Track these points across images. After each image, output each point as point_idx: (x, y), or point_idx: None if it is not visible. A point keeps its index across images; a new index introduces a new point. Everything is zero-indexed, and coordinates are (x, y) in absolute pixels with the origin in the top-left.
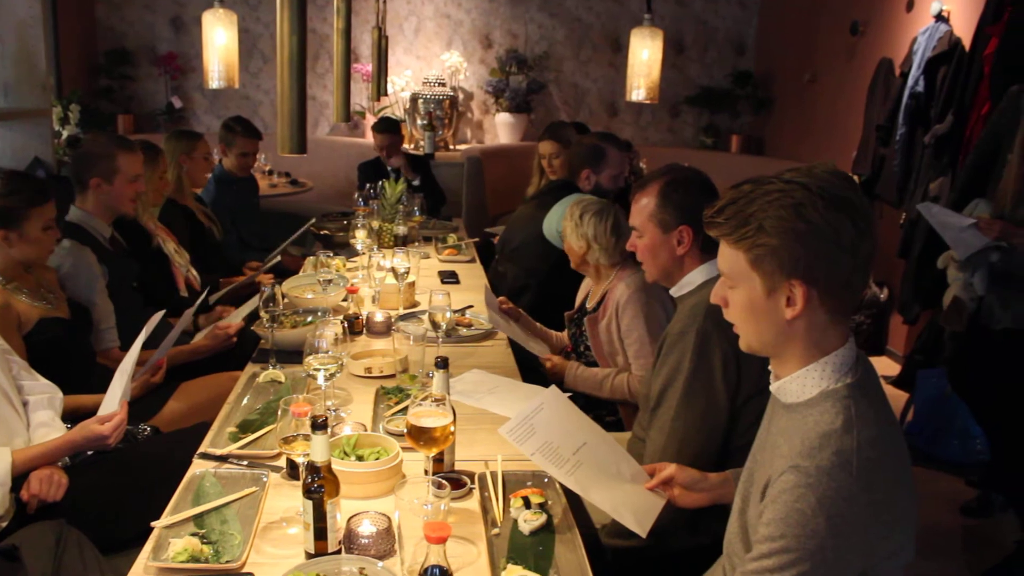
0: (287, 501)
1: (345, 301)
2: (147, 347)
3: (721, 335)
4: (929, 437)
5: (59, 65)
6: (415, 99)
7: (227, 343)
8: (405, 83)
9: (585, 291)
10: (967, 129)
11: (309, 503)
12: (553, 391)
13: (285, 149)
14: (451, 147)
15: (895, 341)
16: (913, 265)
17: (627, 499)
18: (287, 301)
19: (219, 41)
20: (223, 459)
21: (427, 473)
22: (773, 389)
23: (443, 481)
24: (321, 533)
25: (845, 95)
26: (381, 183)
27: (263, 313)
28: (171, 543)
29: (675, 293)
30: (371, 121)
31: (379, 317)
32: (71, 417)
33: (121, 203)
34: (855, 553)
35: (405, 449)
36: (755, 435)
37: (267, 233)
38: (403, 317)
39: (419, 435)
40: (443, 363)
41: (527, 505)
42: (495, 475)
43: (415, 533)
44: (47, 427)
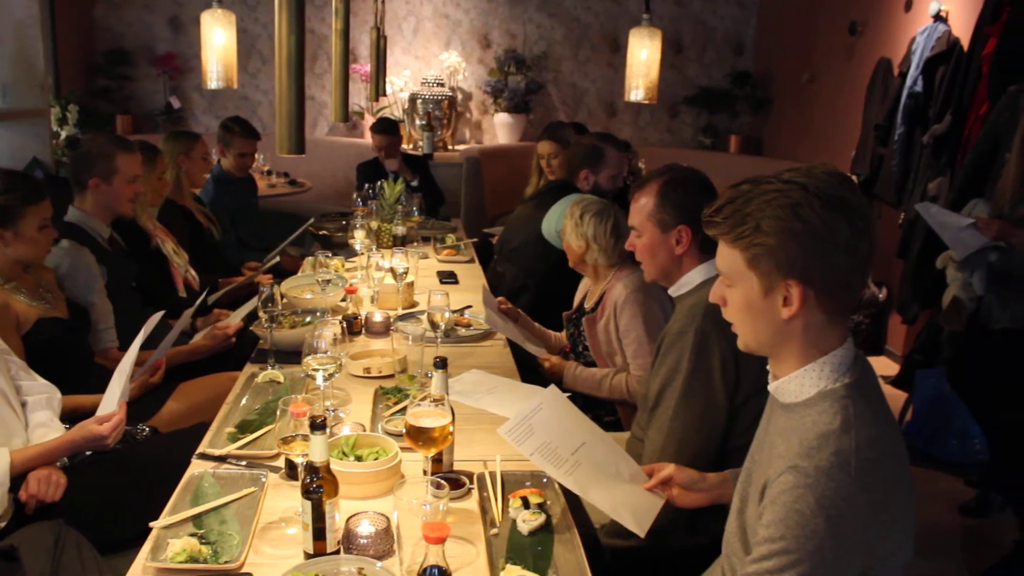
0: (286, 501)
1: (344, 301)
2: (146, 347)
3: (720, 335)
4: (928, 437)
5: (57, 65)
6: (414, 99)
7: (226, 343)
8: (404, 83)
9: (583, 291)
10: (965, 129)
11: (308, 503)
12: (552, 391)
13: (283, 149)
14: (450, 147)
15: (894, 341)
16: (912, 265)
17: (626, 499)
18: (286, 301)
19: (217, 41)
20: (222, 459)
21: (426, 473)
22: (771, 389)
23: (442, 481)
24: (320, 533)
25: (844, 95)
26: (380, 183)
27: (262, 313)
28: (170, 543)
29: (674, 293)
30: (370, 121)
31: (378, 317)
32: (69, 417)
33: (120, 203)
34: (855, 553)
35: (404, 449)
36: (754, 435)
37: (266, 233)
38: (402, 317)
39: (418, 435)
40: (442, 363)
41: (526, 505)
42: (494, 475)
43: (414, 533)
44: (45, 427)
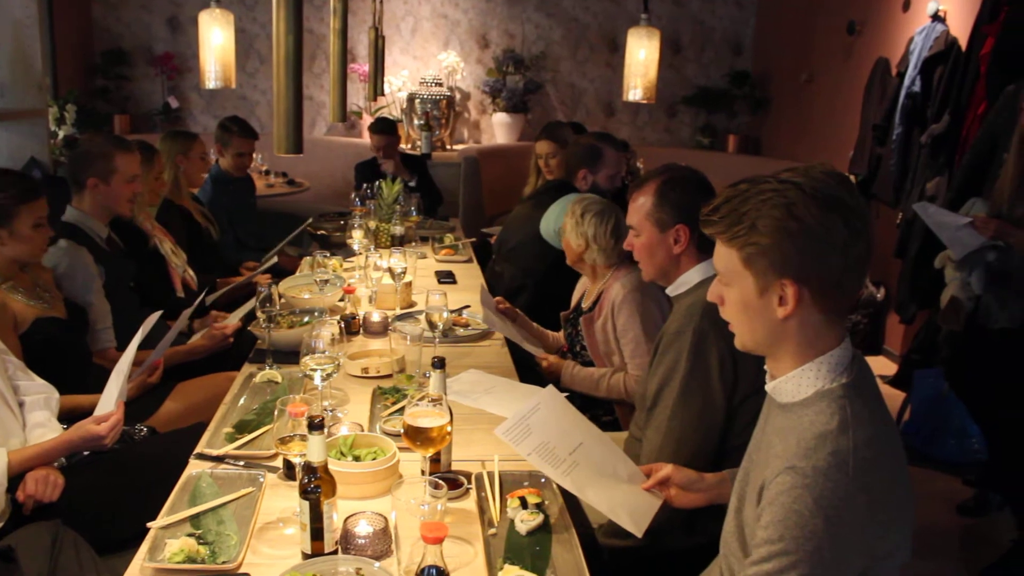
0: (284, 501)
1: (342, 301)
2: (144, 347)
3: (718, 334)
4: (926, 437)
5: (55, 65)
6: (412, 99)
7: (224, 343)
8: (402, 83)
9: (581, 291)
10: (963, 128)
11: (306, 503)
12: (550, 391)
13: (281, 149)
14: (448, 147)
15: (892, 341)
16: (910, 265)
17: (624, 499)
18: (284, 301)
19: (216, 41)
20: (220, 459)
21: (424, 473)
22: (768, 389)
23: (440, 481)
24: (318, 533)
25: (842, 95)
26: (378, 183)
27: (260, 313)
28: (167, 544)
29: (671, 292)
30: (368, 121)
31: (376, 317)
32: (67, 417)
33: (118, 203)
34: (853, 553)
35: (402, 449)
36: (751, 435)
37: (264, 233)
38: (400, 317)
39: (416, 435)
40: (440, 363)
41: (524, 505)
42: (492, 475)
43: (412, 533)
44: (43, 427)
